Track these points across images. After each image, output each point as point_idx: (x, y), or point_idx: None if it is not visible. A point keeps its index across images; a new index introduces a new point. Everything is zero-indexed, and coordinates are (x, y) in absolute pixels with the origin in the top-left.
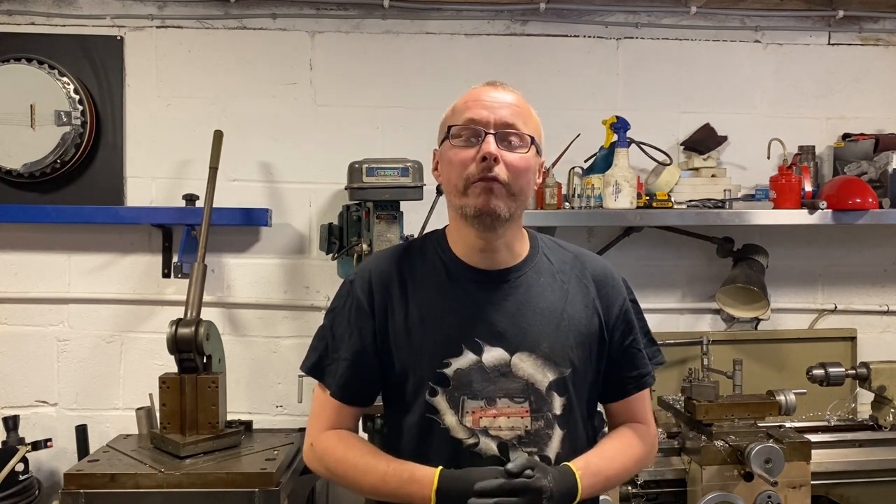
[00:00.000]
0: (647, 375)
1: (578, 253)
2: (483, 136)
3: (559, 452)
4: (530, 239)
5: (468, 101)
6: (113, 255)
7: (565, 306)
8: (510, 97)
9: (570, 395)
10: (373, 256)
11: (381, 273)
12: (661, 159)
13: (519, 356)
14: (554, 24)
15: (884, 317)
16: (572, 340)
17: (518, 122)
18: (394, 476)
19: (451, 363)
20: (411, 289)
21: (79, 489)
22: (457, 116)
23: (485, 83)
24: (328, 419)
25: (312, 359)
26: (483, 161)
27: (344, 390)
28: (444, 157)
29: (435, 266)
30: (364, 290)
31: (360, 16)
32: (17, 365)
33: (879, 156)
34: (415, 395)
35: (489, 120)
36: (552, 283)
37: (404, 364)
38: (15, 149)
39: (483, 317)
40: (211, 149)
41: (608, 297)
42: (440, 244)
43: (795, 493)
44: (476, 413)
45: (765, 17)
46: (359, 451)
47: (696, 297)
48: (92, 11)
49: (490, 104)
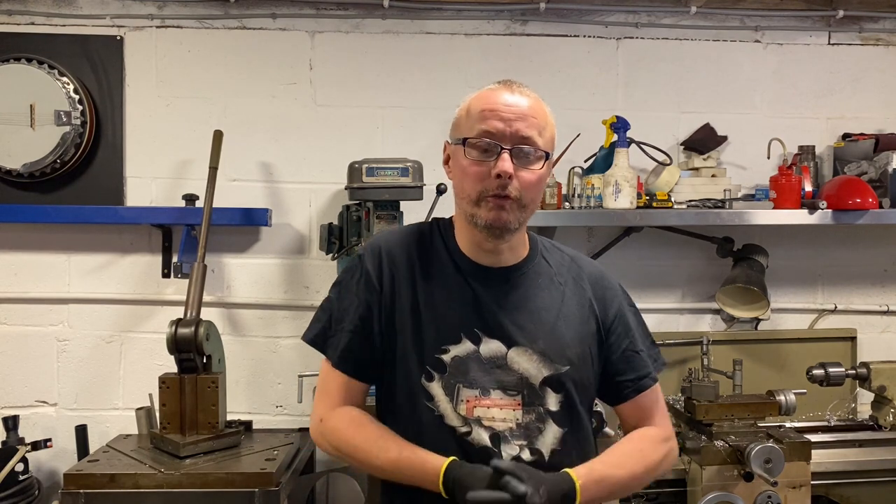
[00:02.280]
0: (646, 377)
1: (575, 256)
2: (499, 153)
3: (556, 449)
4: (530, 240)
5: (484, 107)
6: (113, 255)
7: (562, 306)
8: (526, 102)
9: (569, 392)
10: (384, 234)
11: (391, 252)
12: (661, 159)
13: (515, 350)
14: (554, 24)
15: (884, 317)
16: (569, 339)
17: (534, 135)
18: (406, 462)
19: (450, 350)
20: (419, 273)
21: (79, 489)
22: (472, 123)
23: (500, 83)
24: (336, 394)
25: (315, 330)
26: (497, 178)
27: (346, 361)
28: (457, 163)
29: (441, 255)
30: (374, 265)
31: (360, 16)
32: (17, 365)
33: (879, 156)
34: (411, 379)
35: (505, 134)
36: (550, 283)
37: (405, 346)
38: (15, 149)
39: (483, 310)
40: (211, 149)
41: (604, 299)
42: (447, 235)
43: (795, 493)
44: (470, 402)
45: (765, 17)
46: (371, 432)
47: (696, 297)
48: (92, 11)
49: (506, 114)
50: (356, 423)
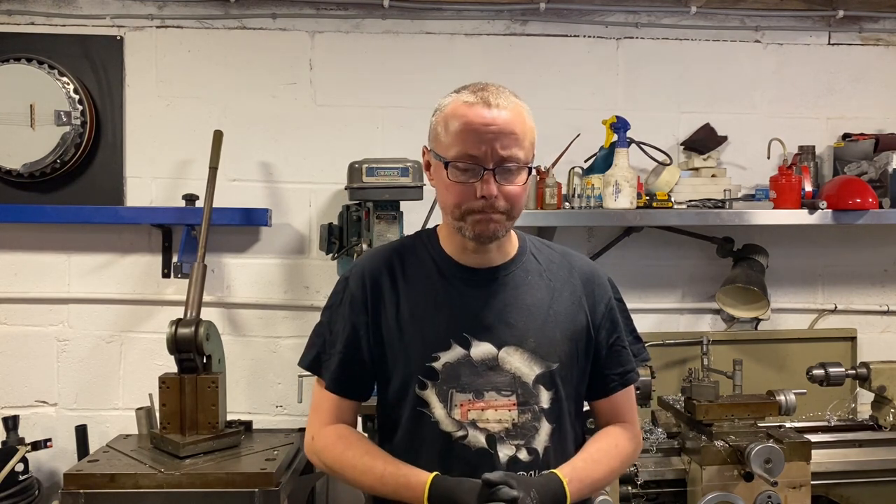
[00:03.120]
0: (632, 372)
1: (565, 252)
2: (482, 175)
3: (547, 446)
4: (518, 239)
5: (462, 126)
6: (113, 255)
7: (552, 303)
8: (504, 116)
9: (558, 388)
10: (366, 254)
11: (373, 270)
12: (661, 159)
13: (506, 350)
14: (554, 24)
15: (884, 317)
16: (559, 336)
17: (515, 150)
18: (391, 478)
19: (440, 357)
20: (402, 286)
21: (79, 489)
22: (450, 140)
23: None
24: (327, 413)
25: (311, 355)
26: (483, 199)
27: (338, 383)
28: (440, 179)
29: (425, 263)
30: (358, 286)
31: (360, 16)
32: (17, 365)
33: (879, 156)
34: (405, 390)
35: (487, 155)
36: (539, 280)
37: (395, 359)
38: (15, 149)
39: (471, 312)
40: (211, 149)
41: (594, 294)
42: (431, 242)
43: (795, 493)
44: (464, 406)
45: (765, 17)
46: (357, 450)
47: (696, 297)
48: (92, 11)
49: (486, 134)
50: (343, 441)
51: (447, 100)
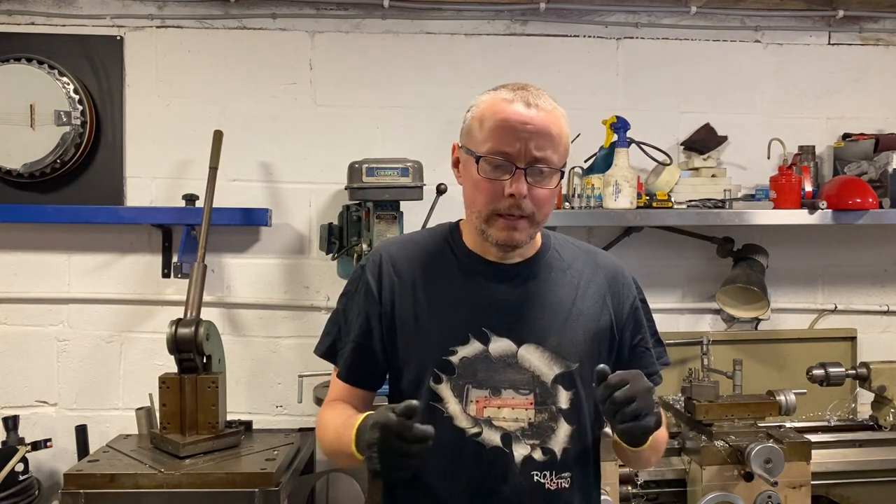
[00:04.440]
0: (654, 375)
1: (590, 250)
2: (513, 172)
3: (566, 448)
4: (542, 235)
5: (499, 121)
6: (113, 255)
7: (575, 301)
8: (543, 117)
9: (578, 389)
10: (385, 241)
11: (391, 259)
12: (661, 159)
13: (526, 348)
14: (554, 24)
15: (884, 317)
16: (581, 335)
17: (549, 153)
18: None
19: (458, 351)
20: (420, 277)
21: (79, 489)
22: (485, 135)
23: (516, 90)
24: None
25: (326, 343)
26: (511, 197)
27: (349, 371)
28: (469, 174)
29: (446, 256)
30: (374, 275)
31: (360, 16)
32: (17, 365)
33: (879, 156)
34: (419, 383)
35: (521, 153)
36: (562, 278)
37: (410, 350)
38: (15, 149)
39: (492, 308)
40: (211, 149)
41: (619, 294)
42: (453, 236)
43: (795, 493)
44: (480, 402)
45: (765, 17)
46: (334, 412)
47: (696, 297)
48: (92, 11)
49: (522, 132)
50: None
51: (484, 97)
